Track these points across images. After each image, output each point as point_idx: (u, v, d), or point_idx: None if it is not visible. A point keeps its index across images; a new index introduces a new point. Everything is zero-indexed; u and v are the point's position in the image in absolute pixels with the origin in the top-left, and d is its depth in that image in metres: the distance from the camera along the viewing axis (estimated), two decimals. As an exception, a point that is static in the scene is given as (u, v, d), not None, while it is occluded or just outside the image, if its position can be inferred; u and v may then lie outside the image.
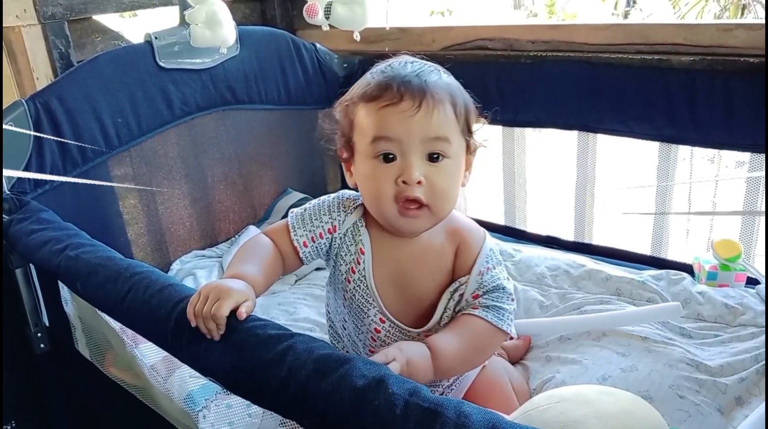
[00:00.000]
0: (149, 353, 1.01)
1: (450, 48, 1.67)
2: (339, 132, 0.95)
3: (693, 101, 1.32)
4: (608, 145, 1.63)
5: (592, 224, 1.67)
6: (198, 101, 1.54)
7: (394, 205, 0.88)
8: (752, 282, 1.33)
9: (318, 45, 1.77)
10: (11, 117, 1.21)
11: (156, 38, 1.42)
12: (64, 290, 1.13)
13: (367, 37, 1.54)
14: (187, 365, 0.87)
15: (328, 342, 0.98)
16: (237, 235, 1.71)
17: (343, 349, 1.04)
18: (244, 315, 0.77)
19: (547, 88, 1.50)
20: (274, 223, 1.33)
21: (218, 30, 1.41)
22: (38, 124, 1.25)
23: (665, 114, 1.37)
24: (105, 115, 1.36)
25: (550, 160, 2.94)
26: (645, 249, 1.55)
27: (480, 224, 0.99)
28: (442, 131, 0.86)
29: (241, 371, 0.74)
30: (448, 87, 0.89)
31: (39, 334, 1.25)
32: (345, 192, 1.01)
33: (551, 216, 2.31)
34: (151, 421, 1.07)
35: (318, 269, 1.60)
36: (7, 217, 1.16)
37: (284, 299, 1.47)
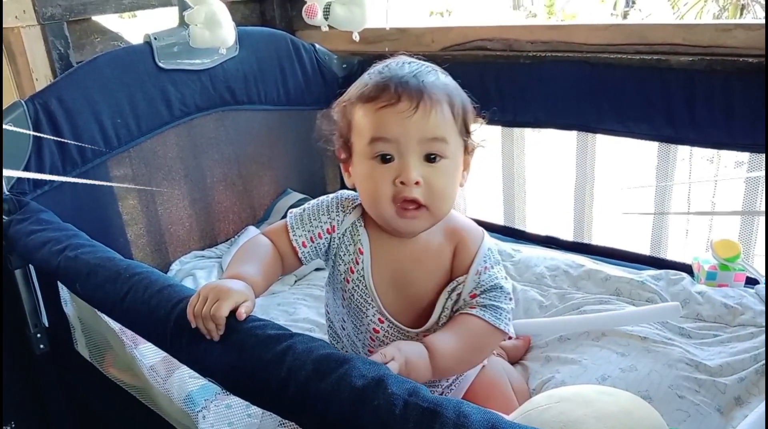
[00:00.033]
0: (149, 354, 1.01)
1: (449, 48, 1.67)
2: (337, 133, 0.95)
3: (692, 101, 1.32)
4: (607, 146, 1.63)
5: (591, 224, 1.67)
6: (197, 102, 1.54)
7: (391, 206, 0.88)
8: (751, 282, 1.34)
9: (317, 46, 1.77)
10: (11, 118, 1.21)
11: (155, 39, 1.42)
12: (63, 291, 1.13)
13: (366, 37, 1.54)
14: (186, 366, 0.87)
15: (328, 342, 0.98)
16: (236, 236, 1.71)
17: (342, 350, 1.04)
18: (243, 315, 0.77)
19: (546, 88, 1.50)
20: (273, 223, 1.33)
21: (217, 31, 1.41)
22: (37, 124, 1.25)
23: (664, 114, 1.37)
24: (104, 115, 1.36)
25: (550, 160, 2.94)
26: (644, 249, 1.55)
27: (479, 224, 0.99)
28: (439, 132, 0.86)
29: (240, 371, 0.74)
30: (445, 87, 0.89)
31: (38, 335, 1.25)
32: (343, 192, 1.01)
33: (550, 216, 2.31)
34: (150, 421, 1.07)
35: (318, 270, 1.60)
36: (7, 217, 1.16)
37: (284, 300, 1.47)
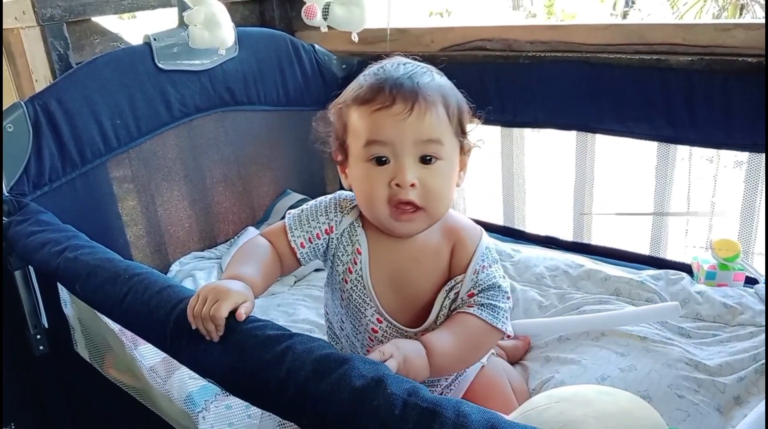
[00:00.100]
0: (148, 354, 1.01)
1: (449, 49, 1.67)
2: (333, 135, 0.95)
3: (691, 101, 1.32)
4: (607, 145, 1.63)
5: (590, 224, 1.67)
6: (197, 102, 1.54)
7: (386, 208, 0.88)
8: (751, 281, 1.34)
9: (317, 46, 1.76)
10: (10, 119, 1.21)
11: (155, 40, 1.42)
12: (63, 292, 1.13)
13: (366, 38, 1.54)
14: (186, 366, 0.87)
15: (327, 343, 0.98)
16: (236, 237, 1.71)
17: (342, 350, 1.04)
18: (243, 316, 0.77)
19: (545, 88, 1.50)
20: (273, 224, 1.34)
21: (217, 31, 1.41)
22: (37, 125, 1.25)
23: (664, 114, 1.37)
24: (104, 116, 1.36)
25: (549, 160, 2.94)
26: (644, 249, 1.55)
27: (479, 224, 0.99)
28: (434, 133, 0.86)
29: (240, 372, 0.74)
30: (440, 89, 0.89)
31: (38, 336, 1.25)
32: (342, 193, 1.01)
33: (550, 216, 2.31)
34: (150, 422, 1.07)
35: (317, 270, 1.60)
36: (7, 218, 1.16)
37: (283, 300, 1.47)
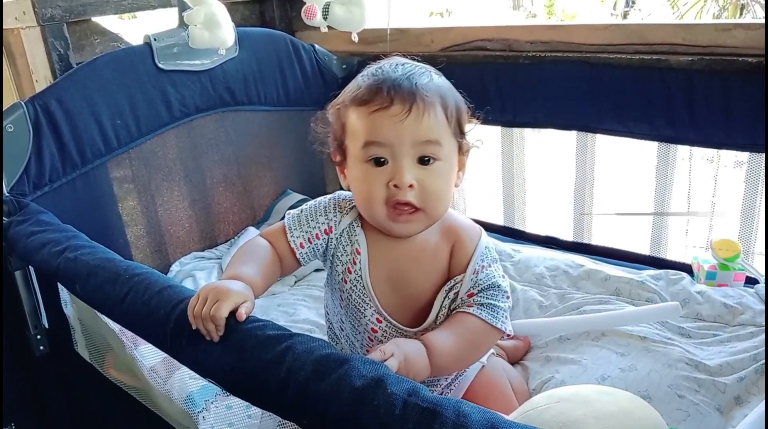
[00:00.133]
0: (149, 355, 1.01)
1: (449, 49, 1.66)
2: (331, 135, 0.95)
3: (691, 101, 1.32)
4: (607, 146, 1.63)
5: (591, 224, 1.67)
6: (197, 103, 1.54)
7: (384, 209, 0.88)
8: (751, 281, 1.33)
9: (317, 46, 1.76)
10: (10, 119, 1.21)
11: (155, 40, 1.42)
12: (63, 292, 1.13)
13: (366, 38, 1.54)
14: (186, 367, 0.87)
15: (327, 342, 0.98)
16: (236, 237, 1.71)
17: (341, 350, 1.04)
18: (243, 316, 0.77)
19: (545, 88, 1.50)
20: (273, 224, 1.34)
21: (217, 31, 1.41)
22: (37, 126, 1.25)
23: (664, 114, 1.36)
24: (104, 116, 1.36)
25: (549, 160, 2.94)
26: (644, 249, 1.55)
27: (479, 224, 0.99)
28: (432, 134, 0.86)
29: (240, 372, 0.75)
30: (438, 89, 0.89)
31: (38, 336, 1.25)
32: (341, 193, 1.01)
33: (550, 216, 2.31)
34: (150, 422, 1.07)
35: (317, 270, 1.60)
36: (7, 219, 1.16)
37: (284, 300, 1.47)
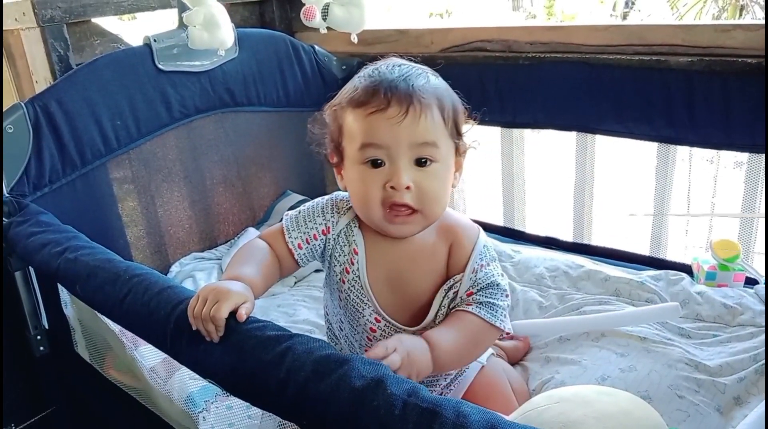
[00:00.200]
0: (149, 355, 1.01)
1: (449, 49, 1.67)
2: (328, 136, 0.95)
3: (691, 102, 1.32)
4: (607, 146, 1.63)
5: (591, 225, 1.67)
6: (197, 103, 1.54)
7: (381, 210, 0.88)
8: (751, 282, 1.33)
9: (317, 47, 1.76)
10: (10, 120, 1.22)
11: (155, 41, 1.42)
12: (63, 293, 1.13)
13: (366, 39, 1.54)
14: (186, 367, 0.87)
15: (327, 343, 0.98)
16: (236, 237, 1.71)
17: (341, 350, 1.04)
18: (244, 316, 0.77)
19: (545, 89, 1.50)
20: (273, 224, 1.34)
21: (216, 32, 1.41)
22: (37, 127, 1.25)
23: (664, 115, 1.37)
24: (104, 117, 1.36)
25: (549, 161, 2.94)
26: (644, 249, 1.55)
27: (479, 225, 0.99)
28: (429, 136, 0.86)
29: (240, 373, 0.75)
30: (435, 91, 0.88)
31: (38, 337, 1.25)
32: (338, 193, 1.01)
33: (550, 217, 2.31)
34: (150, 423, 1.07)
35: (317, 271, 1.60)
36: (7, 219, 1.16)
37: (284, 301, 1.47)
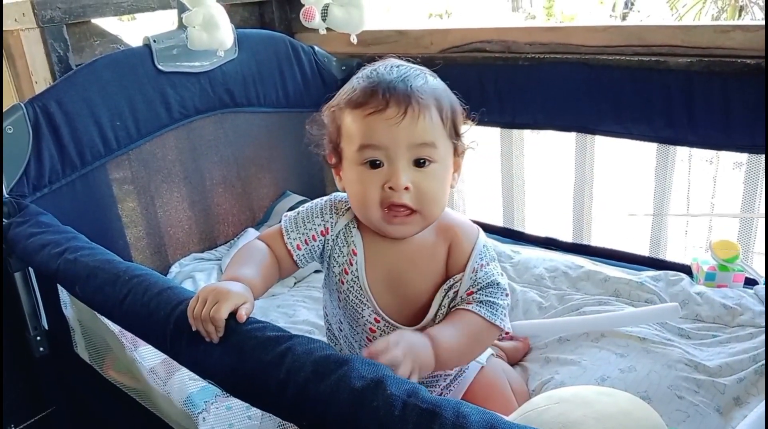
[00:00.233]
0: (148, 356, 1.01)
1: (448, 50, 1.67)
2: (327, 137, 0.95)
3: (690, 102, 1.32)
4: (606, 147, 1.64)
5: (590, 225, 1.67)
6: (196, 104, 1.54)
7: (379, 211, 0.88)
8: (750, 282, 1.34)
9: (316, 48, 1.77)
10: (10, 120, 1.22)
11: (154, 41, 1.42)
12: (63, 293, 1.13)
13: (365, 39, 1.54)
14: (186, 368, 0.87)
15: (327, 344, 0.98)
16: (236, 238, 1.71)
17: (340, 351, 1.04)
18: (243, 317, 0.77)
19: (545, 89, 1.50)
20: (272, 225, 1.34)
21: (215, 33, 1.41)
22: (37, 127, 1.25)
23: (663, 115, 1.37)
24: (104, 118, 1.36)
25: (549, 161, 2.94)
26: (643, 250, 1.55)
27: (478, 225, 0.99)
28: (428, 137, 0.86)
29: (240, 373, 0.75)
30: (433, 91, 0.88)
31: (38, 338, 1.25)
32: (337, 194, 1.01)
33: (550, 217, 2.31)
34: (150, 423, 1.07)
35: (317, 271, 1.60)
36: (7, 220, 1.16)
37: (283, 302, 1.47)
